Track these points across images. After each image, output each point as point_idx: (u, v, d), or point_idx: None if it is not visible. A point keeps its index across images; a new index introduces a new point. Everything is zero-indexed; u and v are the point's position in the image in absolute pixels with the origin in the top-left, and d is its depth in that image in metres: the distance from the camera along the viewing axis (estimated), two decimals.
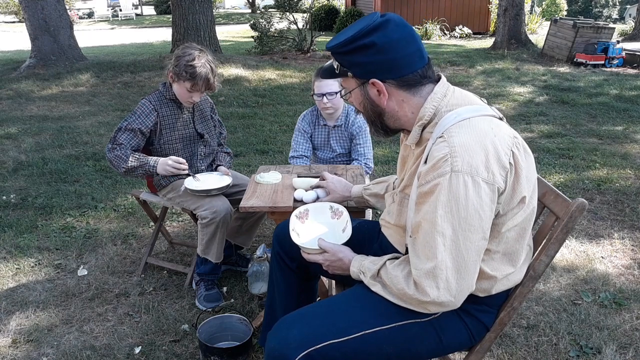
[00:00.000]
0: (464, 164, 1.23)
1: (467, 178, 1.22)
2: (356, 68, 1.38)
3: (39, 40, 8.89)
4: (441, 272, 1.25)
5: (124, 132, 2.48)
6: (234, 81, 8.19)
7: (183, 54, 2.47)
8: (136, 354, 2.25)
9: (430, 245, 1.25)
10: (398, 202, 1.50)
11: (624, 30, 15.77)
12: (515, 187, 1.29)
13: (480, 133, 1.27)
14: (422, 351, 1.44)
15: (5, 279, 2.84)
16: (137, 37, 17.11)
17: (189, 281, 2.74)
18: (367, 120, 1.48)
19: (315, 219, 1.82)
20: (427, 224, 1.27)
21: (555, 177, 4.27)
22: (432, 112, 1.36)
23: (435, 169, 1.26)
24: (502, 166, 1.25)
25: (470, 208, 1.23)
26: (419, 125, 1.38)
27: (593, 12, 34.08)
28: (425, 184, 1.28)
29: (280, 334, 1.37)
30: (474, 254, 1.26)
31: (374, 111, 1.43)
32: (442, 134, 1.29)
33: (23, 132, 5.75)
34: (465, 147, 1.24)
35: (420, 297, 1.28)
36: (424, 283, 1.27)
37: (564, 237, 1.43)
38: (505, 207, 1.30)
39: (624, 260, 2.99)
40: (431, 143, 1.32)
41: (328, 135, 2.90)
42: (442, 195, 1.24)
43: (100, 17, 27.07)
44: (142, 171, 2.47)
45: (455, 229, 1.24)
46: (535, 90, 7.86)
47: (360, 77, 1.39)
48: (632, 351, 2.23)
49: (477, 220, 1.24)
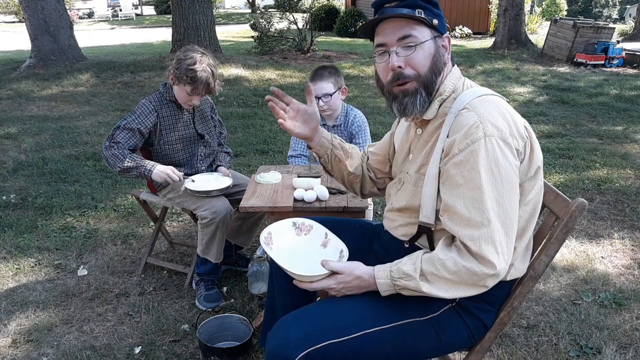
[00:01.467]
0: (494, 128, 1.27)
1: (499, 141, 1.26)
2: (439, 18, 1.40)
3: (39, 40, 8.89)
4: (496, 235, 1.25)
5: (122, 131, 2.48)
6: (234, 81, 8.19)
7: (184, 57, 2.46)
8: (136, 354, 2.25)
9: (482, 210, 1.25)
10: (412, 183, 1.46)
11: (624, 30, 15.78)
12: (532, 157, 1.34)
13: (499, 106, 1.33)
14: (422, 350, 1.44)
15: (5, 279, 2.84)
16: (137, 37, 17.10)
17: (189, 281, 2.74)
18: (424, 81, 1.38)
19: (279, 242, 1.56)
20: (471, 191, 1.26)
21: (555, 177, 4.27)
22: (451, 89, 1.41)
23: (468, 136, 1.28)
24: (521, 135, 1.31)
25: (508, 168, 1.27)
26: (438, 100, 1.42)
27: (593, 12, 34.08)
28: (460, 153, 1.29)
29: (280, 334, 1.37)
30: (516, 215, 1.30)
31: (437, 68, 1.39)
32: (465, 106, 1.34)
33: (23, 132, 5.75)
34: (491, 115, 1.29)
35: (486, 270, 1.25)
36: (484, 250, 1.24)
37: (564, 237, 1.43)
38: (523, 177, 1.33)
39: (624, 260, 2.99)
40: (452, 117, 1.35)
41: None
42: (481, 159, 1.26)
43: (100, 17, 27.06)
44: (136, 173, 2.45)
45: (500, 191, 1.26)
46: (535, 90, 7.86)
47: (440, 29, 1.40)
48: (632, 351, 2.23)
49: (515, 179, 1.29)
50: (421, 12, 1.36)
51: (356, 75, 8.93)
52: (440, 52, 1.39)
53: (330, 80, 2.62)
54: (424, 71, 1.37)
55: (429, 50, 1.37)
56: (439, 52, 1.39)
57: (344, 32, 16.06)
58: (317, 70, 2.67)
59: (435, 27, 1.38)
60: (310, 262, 1.46)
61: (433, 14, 1.38)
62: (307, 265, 1.44)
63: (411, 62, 1.37)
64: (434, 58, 1.38)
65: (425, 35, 1.37)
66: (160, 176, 2.46)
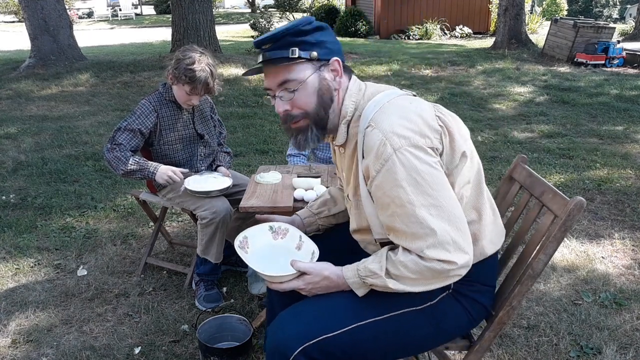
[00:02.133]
0: (400, 139, 1.26)
1: (410, 149, 1.25)
2: (319, 47, 1.35)
3: (39, 40, 8.88)
4: (445, 237, 1.24)
5: (123, 132, 2.48)
6: (234, 81, 8.18)
7: (183, 57, 2.46)
8: (136, 354, 2.24)
9: (420, 222, 1.24)
10: (354, 206, 1.48)
11: (625, 30, 15.77)
12: (453, 146, 1.33)
13: (402, 109, 1.32)
14: (419, 339, 1.44)
15: (5, 279, 2.84)
16: (136, 36, 17.10)
17: (189, 281, 2.74)
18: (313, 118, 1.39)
19: (255, 245, 1.58)
20: (402, 209, 1.25)
21: (555, 177, 4.27)
22: (353, 107, 1.40)
23: (379, 157, 1.27)
24: (434, 129, 1.30)
25: (430, 170, 1.26)
26: (344, 123, 1.41)
27: (593, 11, 34.08)
28: (377, 175, 1.28)
29: (278, 330, 1.38)
30: (458, 207, 1.28)
31: (329, 99, 1.38)
32: (369, 123, 1.32)
33: (22, 132, 5.74)
34: (393, 125, 1.27)
35: (447, 266, 1.25)
36: (439, 255, 1.24)
37: (563, 235, 1.43)
38: (449, 166, 1.33)
39: (624, 260, 2.99)
40: (361, 136, 1.34)
41: None
42: (399, 174, 1.24)
43: (99, 16, 27.05)
44: (140, 175, 2.46)
45: (431, 194, 1.25)
46: (535, 90, 7.86)
47: (323, 57, 1.36)
48: (632, 351, 2.22)
49: (440, 177, 1.27)
50: (295, 51, 1.33)
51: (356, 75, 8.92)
52: (326, 84, 1.37)
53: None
54: (311, 108, 1.38)
55: (313, 87, 1.36)
56: (324, 84, 1.37)
57: (344, 32, 16.05)
58: None
59: (316, 58, 1.35)
60: (286, 264, 1.47)
61: (311, 45, 1.34)
62: (282, 268, 1.45)
63: (296, 103, 1.38)
64: (319, 92, 1.37)
65: (306, 72, 1.35)
66: (163, 178, 2.46)
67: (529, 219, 1.64)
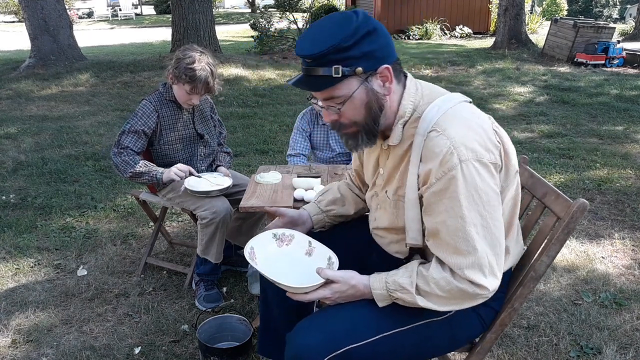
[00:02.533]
0: (468, 151, 1.24)
1: (476, 164, 1.24)
2: (366, 59, 1.27)
3: (39, 40, 8.88)
4: (484, 260, 1.26)
5: (128, 135, 2.47)
6: (233, 81, 8.18)
7: (183, 56, 2.46)
8: (136, 354, 2.24)
9: (466, 239, 1.25)
10: (392, 205, 1.45)
11: (625, 30, 15.76)
12: (507, 163, 1.34)
13: (467, 120, 1.30)
14: (438, 348, 1.46)
15: (5, 279, 2.84)
16: (136, 36, 17.09)
17: (189, 281, 2.74)
18: (363, 127, 1.35)
19: (262, 255, 1.50)
20: (453, 220, 1.25)
21: (555, 177, 4.27)
22: (412, 107, 1.36)
23: (444, 165, 1.25)
24: (495, 145, 1.30)
25: (488, 190, 1.26)
26: (400, 123, 1.37)
27: (593, 11, 34.08)
28: (437, 182, 1.27)
29: (300, 340, 1.34)
30: (501, 232, 1.30)
31: (378, 108, 1.32)
32: (433, 127, 1.29)
33: (22, 132, 5.74)
34: (462, 135, 1.26)
35: (479, 291, 1.27)
36: (472, 277, 1.25)
37: (565, 237, 1.43)
38: (503, 183, 1.34)
39: (624, 261, 2.99)
40: (420, 139, 1.31)
41: (327, 135, 2.90)
42: (459, 187, 1.24)
43: (99, 16, 27.02)
44: (148, 177, 2.46)
45: (483, 215, 1.25)
46: (535, 90, 7.86)
47: (369, 69, 1.28)
48: (632, 351, 2.22)
49: (495, 199, 1.28)
50: (339, 69, 1.25)
51: None
52: (374, 95, 1.30)
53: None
54: (359, 119, 1.34)
55: (360, 100, 1.30)
56: (372, 95, 1.30)
57: None
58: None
59: (361, 72, 1.27)
60: (296, 272, 1.44)
61: (357, 60, 1.26)
62: (294, 276, 1.42)
63: (344, 115, 1.34)
64: (368, 105, 1.31)
65: (352, 86, 1.29)
66: (169, 175, 2.45)
67: (530, 220, 1.64)
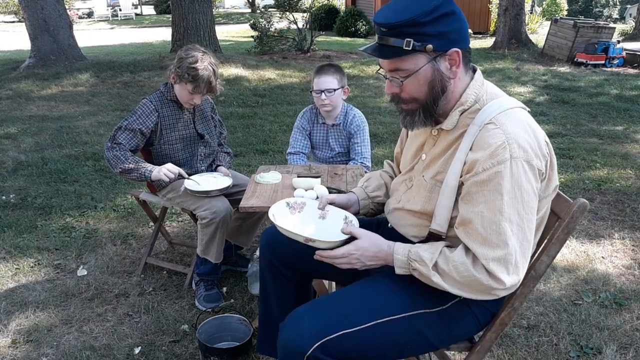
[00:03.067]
0: (520, 150, 1.27)
1: (525, 164, 1.27)
2: (439, 38, 1.30)
3: (39, 40, 8.88)
4: (511, 257, 1.27)
5: (123, 132, 2.47)
6: (234, 81, 8.18)
7: (186, 56, 2.46)
8: (136, 354, 2.24)
9: (499, 233, 1.26)
10: (427, 189, 1.45)
11: (625, 30, 15.77)
12: (551, 175, 1.36)
13: (524, 123, 1.32)
14: (433, 340, 1.46)
15: (5, 279, 2.84)
16: (136, 37, 17.09)
17: (189, 281, 2.74)
18: (422, 104, 1.37)
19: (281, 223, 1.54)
20: (491, 212, 1.27)
21: None
22: (474, 98, 1.39)
23: (494, 157, 1.27)
24: (543, 154, 1.32)
25: (530, 191, 1.28)
26: (459, 110, 1.39)
27: (593, 11, 34.09)
28: (484, 172, 1.28)
29: (294, 325, 1.37)
30: (532, 236, 1.32)
31: (441, 89, 1.35)
32: (491, 120, 1.32)
33: (22, 132, 5.74)
34: (518, 134, 1.28)
35: (494, 284, 1.28)
36: (495, 270, 1.27)
37: (565, 237, 1.43)
38: (542, 194, 1.35)
39: (624, 261, 2.99)
40: (476, 129, 1.33)
41: (327, 134, 2.90)
42: (505, 182, 1.26)
43: (99, 16, 27.03)
44: (137, 174, 2.44)
45: (521, 214, 1.27)
46: (535, 90, 7.86)
47: (440, 49, 1.31)
48: (632, 351, 2.22)
49: (535, 202, 1.30)
50: (410, 42, 1.28)
51: (356, 75, 8.93)
52: (439, 75, 1.33)
53: (335, 77, 2.73)
54: (420, 96, 1.37)
55: (425, 77, 1.34)
56: (437, 75, 1.33)
57: (344, 31, 16.05)
58: (323, 66, 2.81)
59: (432, 50, 1.30)
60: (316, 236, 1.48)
61: (430, 37, 1.29)
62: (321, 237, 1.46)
63: (405, 89, 1.38)
64: (431, 83, 1.34)
65: (420, 62, 1.32)
66: (158, 175, 2.44)
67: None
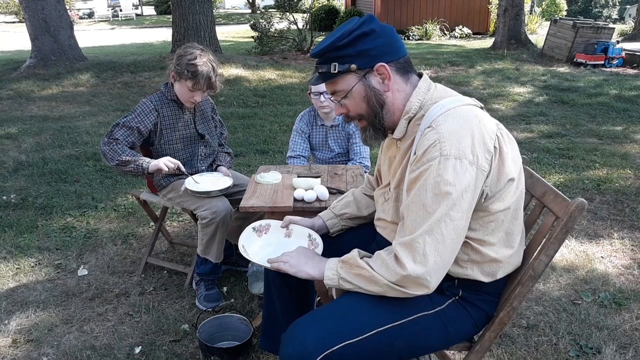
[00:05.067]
0: (451, 148, 1.29)
1: (454, 161, 1.28)
2: (361, 57, 1.38)
3: (39, 40, 8.88)
4: (418, 244, 1.28)
5: (121, 128, 2.48)
6: (234, 81, 8.19)
7: (185, 53, 2.48)
8: (136, 353, 2.25)
9: (416, 223, 1.30)
10: (394, 199, 1.51)
11: (624, 30, 15.76)
12: (501, 169, 1.35)
13: (465, 120, 1.34)
14: (431, 343, 1.47)
15: (6, 279, 2.84)
16: (137, 37, 17.10)
17: (189, 281, 2.74)
18: (368, 120, 1.46)
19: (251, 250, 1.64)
20: (416, 206, 1.31)
21: (555, 177, 4.28)
22: (418, 105, 1.43)
23: (425, 155, 1.31)
24: (487, 150, 1.32)
25: (458, 188, 1.28)
26: (405, 119, 1.44)
27: (593, 12, 34.08)
28: (415, 170, 1.33)
29: (297, 337, 1.36)
30: (453, 233, 1.30)
31: (377, 104, 1.42)
32: (430, 124, 1.35)
33: (23, 132, 5.75)
34: (452, 133, 1.31)
35: (399, 269, 1.30)
36: (400, 254, 1.30)
37: (564, 236, 1.44)
38: (493, 189, 1.35)
39: (623, 260, 2.99)
40: (419, 135, 1.37)
41: (326, 135, 2.91)
42: (430, 177, 1.29)
43: (100, 17, 27.02)
44: (133, 166, 2.42)
45: (441, 208, 1.28)
46: (535, 90, 7.87)
47: (364, 67, 1.39)
48: (631, 351, 2.23)
49: (461, 201, 1.29)
50: (335, 66, 1.39)
51: None
52: (372, 91, 1.41)
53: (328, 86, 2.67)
54: (363, 113, 1.45)
55: (359, 94, 1.42)
56: (370, 91, 1.41)
57: None
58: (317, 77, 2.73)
59: (356, 69, 1.39)
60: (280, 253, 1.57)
61: (351, 57, 1.38)
62: None
63: (348, 108, 1.47)
64: (366, 99, 1.42)
65: (351, 82, 1.41)
66: (158, 165, 2.43)
67: (530, 220, 1.64)
